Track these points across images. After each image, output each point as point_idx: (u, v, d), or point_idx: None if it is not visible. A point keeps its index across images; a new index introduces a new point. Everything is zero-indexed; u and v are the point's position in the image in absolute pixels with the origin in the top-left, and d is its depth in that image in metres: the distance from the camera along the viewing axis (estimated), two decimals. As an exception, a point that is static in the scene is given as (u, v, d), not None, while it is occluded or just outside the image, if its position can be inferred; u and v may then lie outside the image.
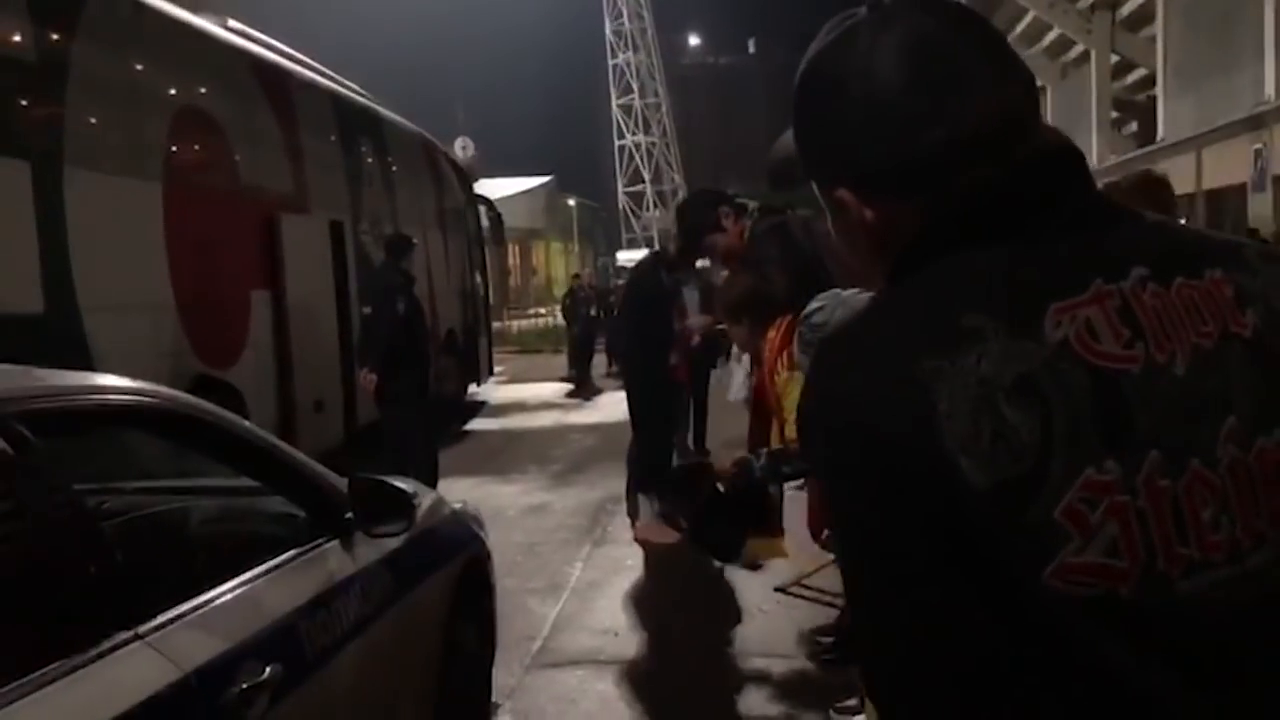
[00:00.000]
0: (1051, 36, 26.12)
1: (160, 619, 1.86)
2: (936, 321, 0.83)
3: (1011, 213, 0.88)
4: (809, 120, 0.97)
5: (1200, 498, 0.79)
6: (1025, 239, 0.86)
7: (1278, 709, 0.80)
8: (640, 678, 4.38)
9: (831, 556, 5.06)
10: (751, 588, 5.33)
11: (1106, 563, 0.77)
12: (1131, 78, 24.94)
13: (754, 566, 5.37)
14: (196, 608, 1.99)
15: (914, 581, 0.81)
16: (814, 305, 2.49)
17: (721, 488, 2.48)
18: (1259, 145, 14.87)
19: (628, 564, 6.05)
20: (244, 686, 1.93)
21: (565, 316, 19.54)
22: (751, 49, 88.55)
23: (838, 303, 2.47)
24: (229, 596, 2.13)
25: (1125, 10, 22.03)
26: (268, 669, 2.02)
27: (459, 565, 3.37)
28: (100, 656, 1.68)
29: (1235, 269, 0.87)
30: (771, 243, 3.77)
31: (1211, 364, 0.82)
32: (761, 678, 4.27)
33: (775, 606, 5.03)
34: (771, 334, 3.54)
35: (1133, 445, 0.79)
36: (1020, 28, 26.39)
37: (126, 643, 1.74)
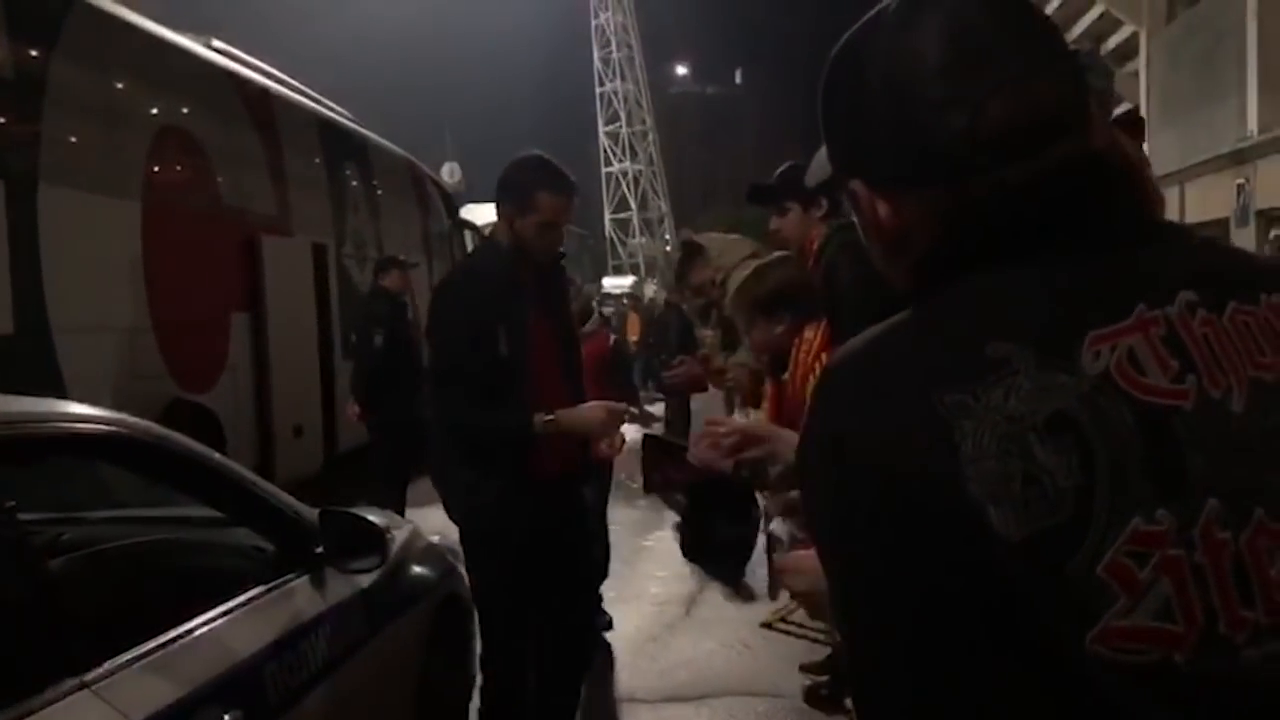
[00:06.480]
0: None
1: (109, 665, 1.73)
2: (958, 349, 0.75)
3: (1040, 225, 0.79)
4: (828, 103, 0.91)
5: (1267, 552, 0.71)
6: (1056, 256, 0.78)
7: None
8: (619, 717, 4.24)
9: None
10: (734, 623, 5.22)
11: (1159, 626, 0.69)
12: (1115, 112, 25.18)
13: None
14: (151, 651, 1.86)
15: (935, 646, 0.72)
16: None
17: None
18: (1241, 180, 14.94)
19: (610, 596, 5.90)
20: (199, 737, 1.81)
21: None
22: (739, 79, 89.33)
23: None
24: (187, 638, 2.00)
25: (1109, 45, 22.25)
26: (226, 716, 1.90)
27: (435, 602, 3.25)
28: (39, 709, 1.54)
29: None
30: (846, 264, 2.95)
31: (1274, 400, 0.74)
32: (744, 717, 4.15)
33: (760, 642, 4.91)
34: (810, 334, 2.96)
35: (1187, 492, 0.70)
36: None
37: (70, 692, 1.61)
